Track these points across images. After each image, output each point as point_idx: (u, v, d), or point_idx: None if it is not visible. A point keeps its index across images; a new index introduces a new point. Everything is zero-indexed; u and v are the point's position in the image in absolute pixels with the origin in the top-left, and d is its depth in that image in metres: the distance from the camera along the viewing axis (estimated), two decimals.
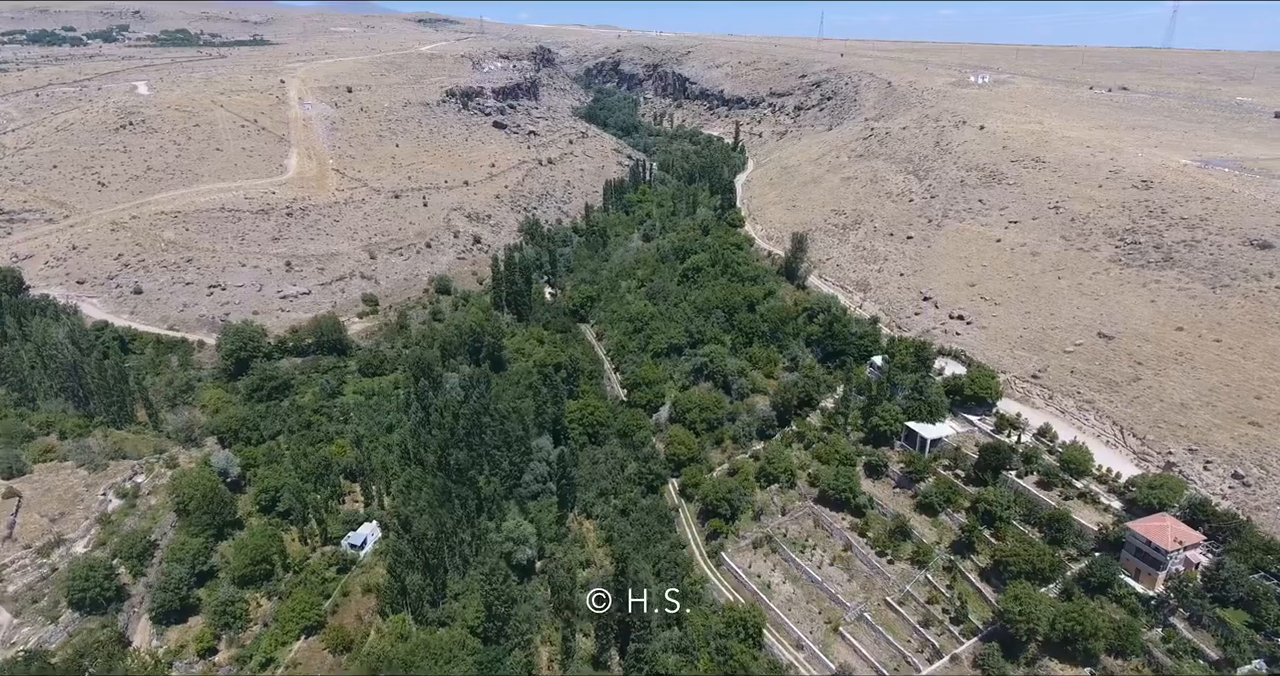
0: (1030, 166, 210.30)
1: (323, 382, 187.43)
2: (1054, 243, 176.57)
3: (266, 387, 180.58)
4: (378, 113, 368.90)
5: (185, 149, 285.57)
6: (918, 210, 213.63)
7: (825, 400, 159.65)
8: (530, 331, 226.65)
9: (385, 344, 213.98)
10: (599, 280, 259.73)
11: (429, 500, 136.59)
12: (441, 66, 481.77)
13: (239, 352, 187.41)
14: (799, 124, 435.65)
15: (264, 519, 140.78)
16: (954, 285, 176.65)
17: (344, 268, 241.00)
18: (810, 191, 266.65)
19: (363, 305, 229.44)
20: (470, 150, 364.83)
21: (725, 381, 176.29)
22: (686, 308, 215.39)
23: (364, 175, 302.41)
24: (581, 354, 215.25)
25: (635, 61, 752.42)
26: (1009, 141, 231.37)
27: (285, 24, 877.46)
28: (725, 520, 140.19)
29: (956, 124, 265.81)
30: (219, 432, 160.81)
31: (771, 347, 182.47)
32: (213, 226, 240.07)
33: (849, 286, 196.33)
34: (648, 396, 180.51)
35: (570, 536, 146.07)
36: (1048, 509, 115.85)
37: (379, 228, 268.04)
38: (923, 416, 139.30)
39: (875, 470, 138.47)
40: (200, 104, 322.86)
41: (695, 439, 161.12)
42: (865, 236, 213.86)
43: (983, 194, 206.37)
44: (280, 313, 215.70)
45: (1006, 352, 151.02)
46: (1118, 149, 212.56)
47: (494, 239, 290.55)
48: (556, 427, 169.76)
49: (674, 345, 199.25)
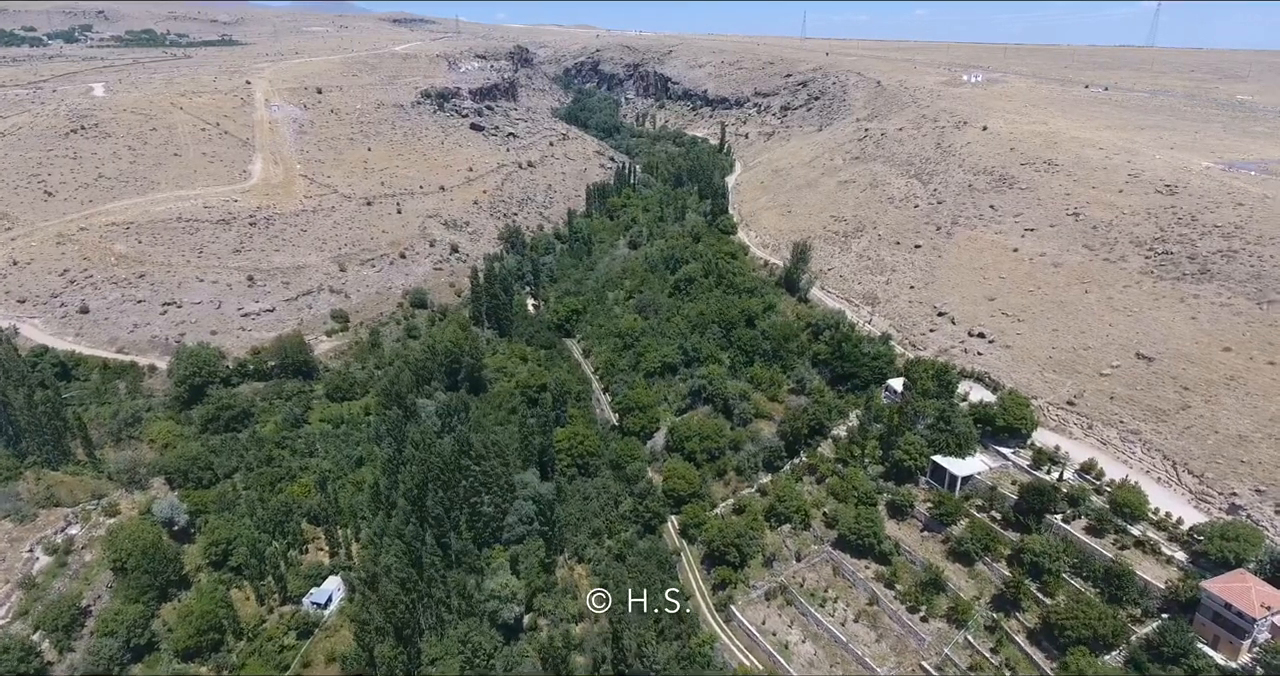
0: (1042, 170, 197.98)
1: (286, 410, 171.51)
2: (1077, 252, 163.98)
3: (223, 417, 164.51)
4: (349, 115, 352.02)
5: (141, 154, 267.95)
6: (924, 216, 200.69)
7: (837, 428, 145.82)
8: (512, 348, 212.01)
9: (356, 364, 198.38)
10: (584, 290, 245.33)
11: (400, 552, 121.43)
12: (416, 66, 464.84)
13: (193, 378, 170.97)
14: (786, 125, 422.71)
15: (215, 575, 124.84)
16: (971, 299, 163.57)
17: (311, 281, 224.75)
18: (806, 196, 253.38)
19: (331, 322, 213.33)
20: (447, 153, 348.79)
21: (726, 405, 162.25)
22: (679, 322, 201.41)
23: (334, 181, 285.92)
24: (568, 372, 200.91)
25: (615, 61, 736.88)
26: (1016, 143, 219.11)
27: (255, 24, 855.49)
28: (733, 567, 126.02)
29: (957, 124, 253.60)
30: (167, 472, 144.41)
31: (775, 368, 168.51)
32: (168, 238, 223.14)
33: (855, 299, 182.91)
34: (641, 422, 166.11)
35: (560, 586, 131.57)
36: (1103, 560, 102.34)
37: (350, 237, 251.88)
38: (950, 449, 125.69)
39: (899, 510, 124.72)
40: (158, 106, 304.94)
41: (696, 471, 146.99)
42: (869, 245, 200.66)
43: (994, 199, 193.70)
44: (241, 332, 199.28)
45: (1036, 375, 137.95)
46: (1133, 150, 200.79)
47: (472, 247, 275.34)
48: (543, 458, 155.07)
49: (668, 364, 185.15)
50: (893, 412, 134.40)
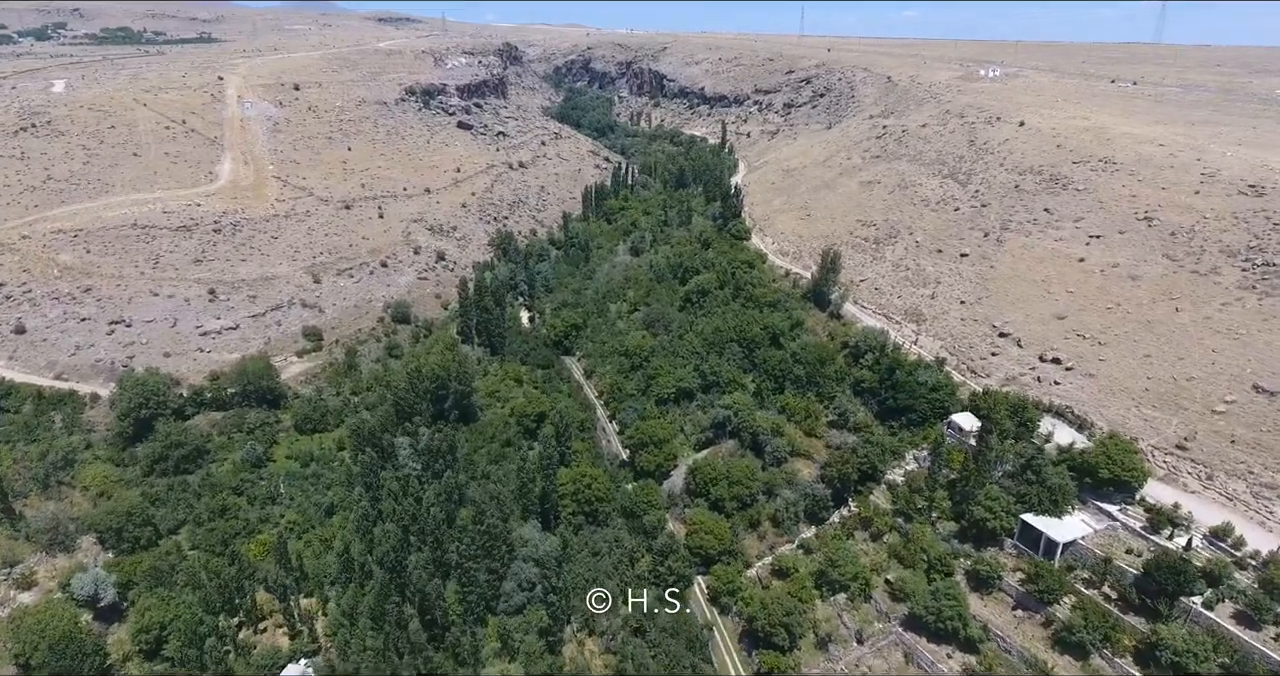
0: (1099, 169, 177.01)
1: (247, 447, 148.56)
2: (1156, 263, 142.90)
3: (172, 457, 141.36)
4: (328, 112, 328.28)
5: (96, 154, 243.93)
6: (967, 221, 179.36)
7: (892, 472, 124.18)
8: (506, 368, 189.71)
9: (329, 389, 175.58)
10: (583, 302, 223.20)
11: (375, 634, 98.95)
12: (400, 63, 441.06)
13: (138, 411, 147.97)
14: (791, 123, 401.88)
15: (146, 667, 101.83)
16: (1037, 317, 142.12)
17: (281, 294, 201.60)
18: (825, 197, 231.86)
19: (303, 340, 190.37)
20: (432, 153, 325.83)
21: (755, 441, 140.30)
22: (693, 340, 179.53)
23: (310, 183, 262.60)
24: (568, 395, 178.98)
25: (607, 59, 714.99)
26: (1062, 139, 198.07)
27: (236, 22, 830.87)
28: (781, 650, 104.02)
29: (988, 120, 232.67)
30: (99, 530, 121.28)
31: (809, 396, 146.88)
32: (121, 247, 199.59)
33: (895, 316, 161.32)
34: (656, 459, 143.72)
35: (567, 667, 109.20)
36: (1271, 664, 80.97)
37: (326, 244, 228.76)
38: (1041, 505, 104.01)
39: (982, 581, 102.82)
40: (119, 102, 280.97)
41: (725, 523, 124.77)
42: (906, 253, 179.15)
43: (1047, 201, 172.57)
44: (199, 353, 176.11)
45: (1131, 411, 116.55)
46: (1198, 147, 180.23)
47: (460, 254, 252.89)
48: (545, 505, 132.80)
49: (683, 389, 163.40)
50: (964, 457, 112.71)
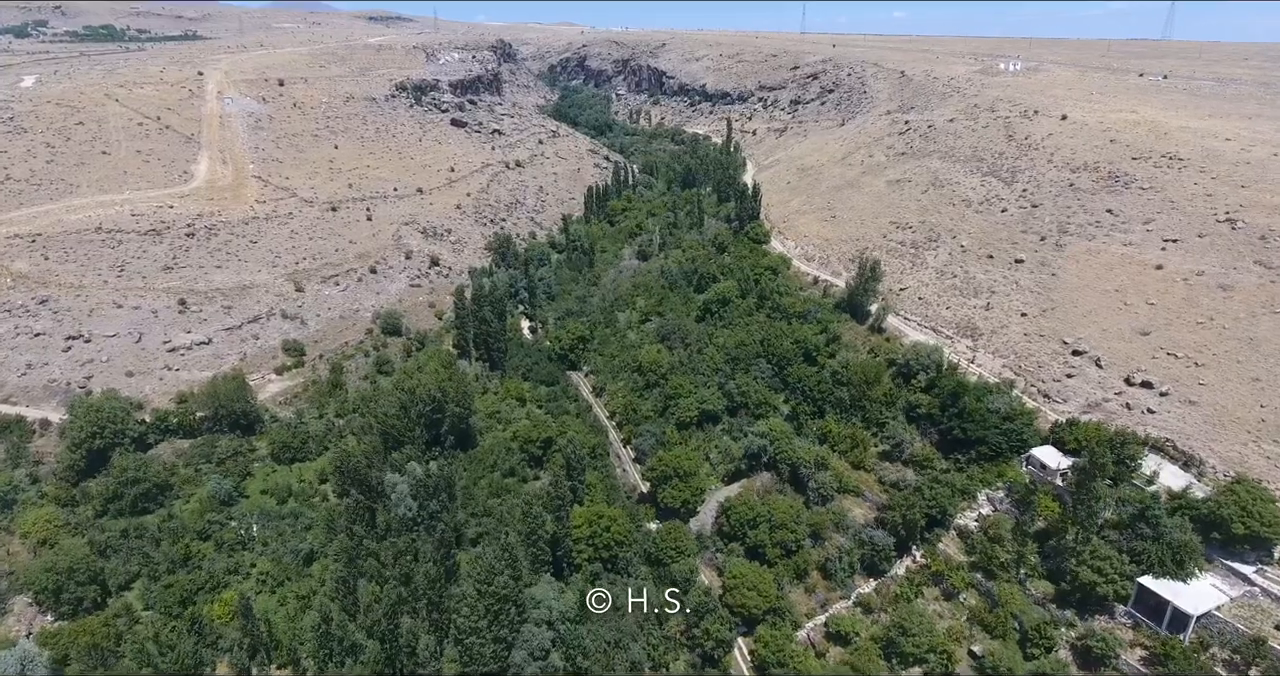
0: (1164, 165, 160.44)
1: (215, 481, 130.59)
2: (1248, 271, 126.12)
3: (128, 495, 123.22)
4: (314, 109, 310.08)
5: (61, 152, 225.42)
6: (1018, 223, 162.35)
7: (962, 516, 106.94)
8: (507, 386, 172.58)
9: (312, 412, 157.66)
10: (589, 310, 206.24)
11: None
12: (391, 58, 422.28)
13: (92, 440, 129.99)
14: (799, 120, 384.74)
15: None
16: (1116, 332, 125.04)
17: (260, 305, 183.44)
18: (850, 197, 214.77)
19: (283, 356, 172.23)
20: (425, 151, 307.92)
21: (795, 474, 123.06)
22: (715, 355, 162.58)
23: (294, 182, 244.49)
24: (576, 416, 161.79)
25: (603, 57, 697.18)
26: (1114, 134, 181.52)
27: (224, 21, 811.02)
28: None
29: (1025, 114, 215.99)
30: (36, 589, 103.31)
31: (855, 422, 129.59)
32: (83, 253, 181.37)
33: (945, 329, 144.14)
34: (682, 496, 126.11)
35: None
36: None
37: (309, 249, 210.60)
38: (1163, 566, 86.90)
39: (1094, 659, 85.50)
40: (90, 98, 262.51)
41: (769, 575, 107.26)
42: (951, 258, 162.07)
43: (1108, 202, 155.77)
44: (166, 372, 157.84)
45: (1249, 446, 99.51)
46: (1271, 141, 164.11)
47: (455, 259, 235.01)
48: (557, 551, 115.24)
49: (707, 411, 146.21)
50: (1057, 503, 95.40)
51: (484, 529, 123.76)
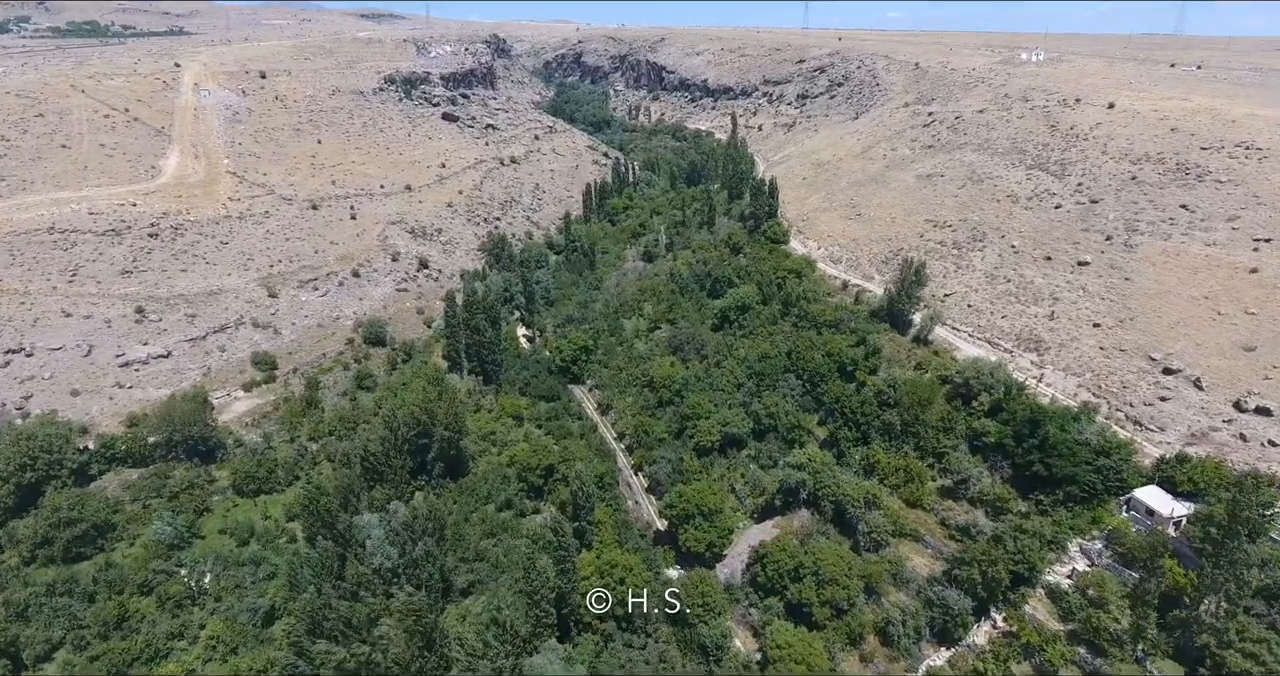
0: (1240, 156, 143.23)
1: (165, 519, 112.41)
2: None
3: (61, 539, 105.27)
4: (297, 102, 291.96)
5: (16, 146, 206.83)
6: (1076, 220, 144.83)
7: (1051, 571, 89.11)
8: (503, 402, 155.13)
9: (282, 434, 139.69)
10: (591, 317, 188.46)
11: None
12: (380, 51, 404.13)
13: (23, 473, 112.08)
14: (808, 114, 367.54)
15: None
16: (1213, 348, 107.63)
17: (228, 312, 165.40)
18: (876, 194, 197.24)
19: (252, 370, 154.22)
20: (414, 147, 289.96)
21: (839, 513, 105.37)
22: (735, 369, 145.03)
23: (271, 179, 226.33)
24: (580, 437, 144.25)
25: (600, 53, 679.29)
26: (1175, 122, 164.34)
27: (211, 17, 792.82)
28: None
29: (1064, 102, 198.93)
30: None
31: (907, 451, 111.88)
32: (31, 256, 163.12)
33: (1002, 342, 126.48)
34: (708, 538, 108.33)
35: None
36: None
37: (286, 250, 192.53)
38: None
39: None
40: (53, 89, 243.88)
41: (819, 641, 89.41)
42: (1001, 260, 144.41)
43: (1180, 196, 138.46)
44: (117, 390, 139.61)
45: None
46: None
47: (446, 261, 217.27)
48: (562, 609, 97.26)
49: (730, 435, 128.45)
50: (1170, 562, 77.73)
51: (476, 576, 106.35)
